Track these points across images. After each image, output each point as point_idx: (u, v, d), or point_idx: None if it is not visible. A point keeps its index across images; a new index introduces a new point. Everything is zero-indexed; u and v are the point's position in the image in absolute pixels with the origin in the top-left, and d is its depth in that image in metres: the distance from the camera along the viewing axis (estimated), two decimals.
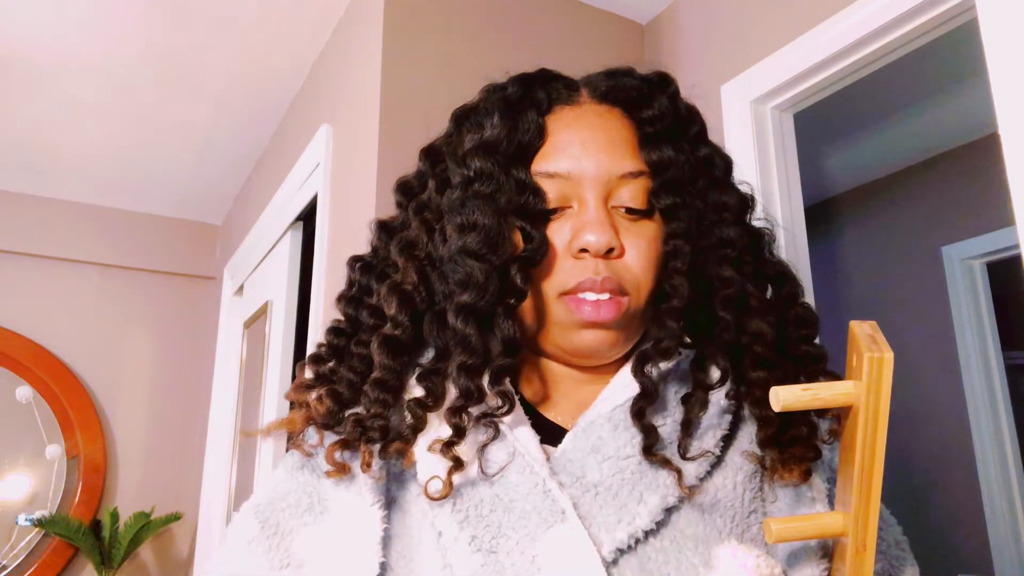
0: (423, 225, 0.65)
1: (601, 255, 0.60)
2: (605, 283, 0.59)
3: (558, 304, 0.61)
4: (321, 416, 0.63)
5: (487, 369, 0.59)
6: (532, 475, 0.59)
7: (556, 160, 0.62)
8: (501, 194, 0.60)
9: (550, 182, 0.62)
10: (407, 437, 0.60)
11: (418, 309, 0.63)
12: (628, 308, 0.61)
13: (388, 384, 0.62)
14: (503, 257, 0.59)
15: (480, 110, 0.65)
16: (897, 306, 2.98)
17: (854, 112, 2.54)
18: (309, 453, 0.65)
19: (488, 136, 0.62)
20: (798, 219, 1.67)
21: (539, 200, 0.61)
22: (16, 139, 2.59)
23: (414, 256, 0.65)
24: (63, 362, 2.95)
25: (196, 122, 2.50)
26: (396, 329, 0.62)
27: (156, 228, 3.23)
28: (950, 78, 2.35)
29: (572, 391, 0.67)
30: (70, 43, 2.05)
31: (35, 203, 3.02)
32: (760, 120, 1.66)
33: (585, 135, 0.63)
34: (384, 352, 0.62)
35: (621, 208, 0.62)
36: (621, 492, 0.59)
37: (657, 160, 0.63)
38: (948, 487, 2.75)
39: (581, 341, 0.62)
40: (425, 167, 0.69)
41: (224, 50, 2.10)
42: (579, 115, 0.65)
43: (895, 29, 1.41)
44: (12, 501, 2.79)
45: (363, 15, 1.78)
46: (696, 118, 0.69)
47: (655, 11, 1.96)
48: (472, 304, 0.58)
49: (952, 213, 2.87)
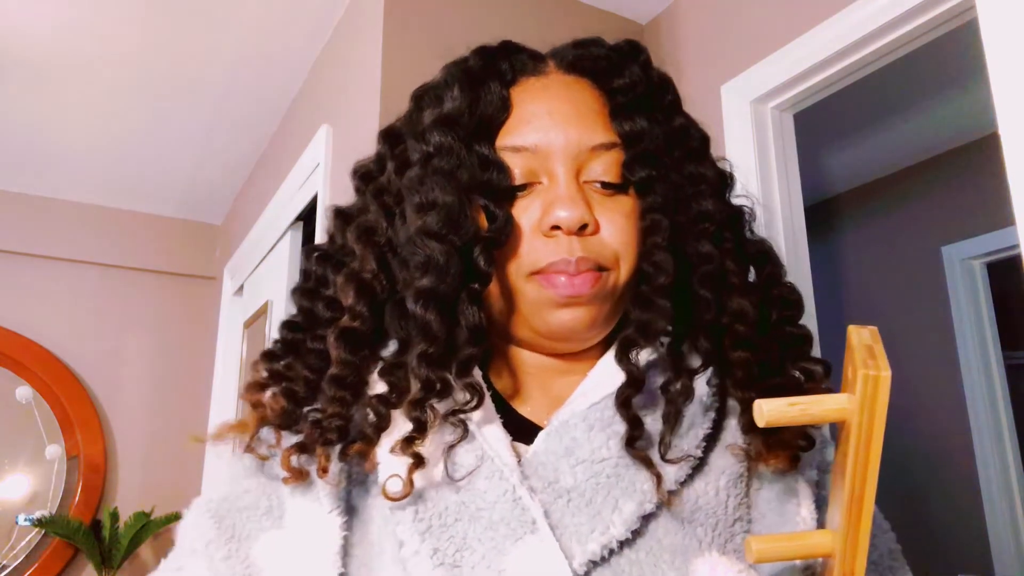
0: (382, 209, 0.61)
1: (574, 232, 0.55)
2: (580, 264, 0.55)
3: (529, 284, 0.56)
4: (276, 416, 0.59)
5: (452, 360, 0.55)
6: (501, 481, 0.54)
7: (522, 133, 0.58)
8: (462, 170, 0.56)
9: (516, 157, 0.57)
10: (369, 437, 0.55)
11: (378, 299, 0.59)
12: (607, 283, 0.57)
13: (346, 381, 0.57)
14: (465, 237, 0.54)
15: (440, 84, 0.61)
16: (897, 306, 2.98)
17: (854, 112, 2.54)
18: (265, 457, 0.59)
19: (448, 109, 0.58)
20: (798, 219, 1.67)
21: (503, 176, 0.56)
22: (16, 139, 2.59)
23: (373, 242, 0.60)
24: (63, 362, 2.95)
25: (196, 122, 2.50)
26: (354, 320, 0.57)
27: (156, 228, 3.23)
28: (950, 78, 2.35)
29: (547, 383, 0.62)
30: (70, 43, 2.05)
31: (35, 203, 3.02)
32: (760, 120, 1.66)
33: (553, 106, 0.58)
34: (342, 345, 0.57)
35: (594, 183, 0.58)
36: (595, 498, 0.54)
37: (630, 131, 0.58)
38: (948, 487, 2.75)
39: (557, 320, 0.57)
40: (384, 149, 0.65)
41: (224, 50, 2.10)
42: (545, 85, 0.61)
43: (895, 29, 1.41)
44: (12, 501, 2.79)
45: (363, 15, 1.78)
46: (669, 87, 0.64)
47: (655, 11, 1.96)
48: (432, 288, 0.54)
49: (952, 213, 2.87)
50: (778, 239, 1.61)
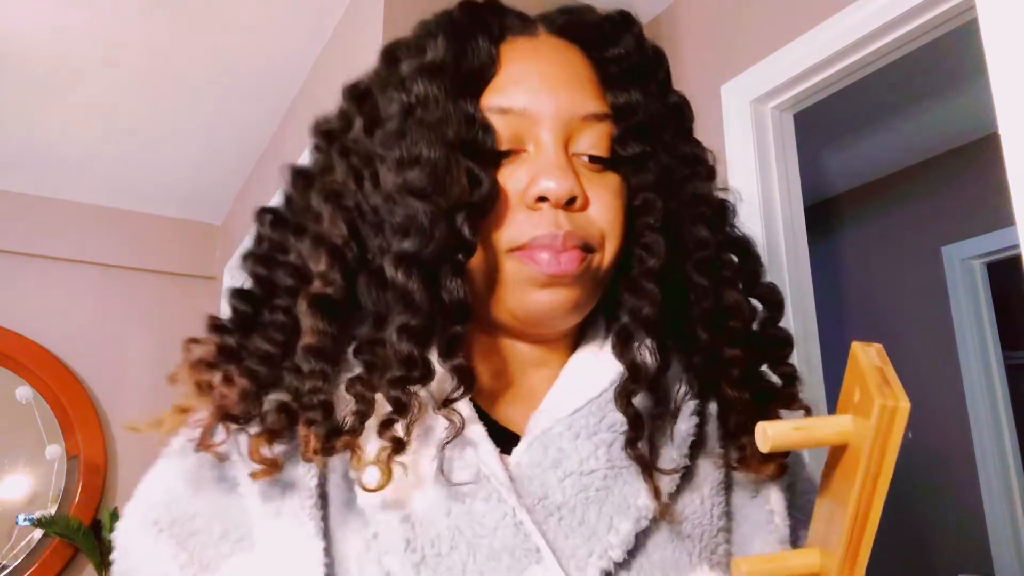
0: (350, 171, 0.54)
1: (562, 205, 0.50)
2: (568, 239, 0.50)
3: (509, 260, 0.51)
4: (234, 402, 0.49)
5: (434, 340, 0.49)
6: (500, 503, 0.48)
7: (511, 94, 0.52)
8: (448, 126, 0.50)
9: (502, 119, 0.52)
10: (354, 427, 0.48)
11: (350, 268, 0.52)
12: (592, 265, 0.52)
13: (325, 351, 0.49)
14: (451, 199, 0.48)
15: (421, 35, 0.56)
16: (897, 306, 2.98)
17: (854, 112, 2.54)
18: (223, 456, 0.51)
19: (432, 57, 0.52)
20: (798, 219, 1.67)
21: (489, 137, 0.51)
22: (16, 139, 2.59)
23: (342, 206, 0.53)
24: (63, 362, 2.95)
25: (196, 122, 2.50)
26: (328, 287, 0.51)
27: (156, 228, 3.23)
28: (950, 78, 2.35)
29: (519, 377, 0.57)
30: (70, 43, 2.05)
31: (35, 203, 3.02)
32: (760, 120, 1.66)
33: (544, 68, 0.54)
34: (316, 314, 0.50)
35: (582, 156, 0.53)
36: (587, 516, 0.50)
37: (624, 103, 0.54)
38: (948, 487, 2.75)
39: (536, 302, 0.51)
40: (349, 106, 0.59)
41: (224, 50, 2.10)
42: (535, 47, 0.56)
43: (895, 29, 1.41)
44: (12, 501, 2.79)
45: (363, 16, 1.78)
46: (663, 62, 0.59)
47: (655, 11, 1.96)
48: (415, 253, 0.48)
49: (952, 213, 2.87)
50: (778, 239, 1.61)
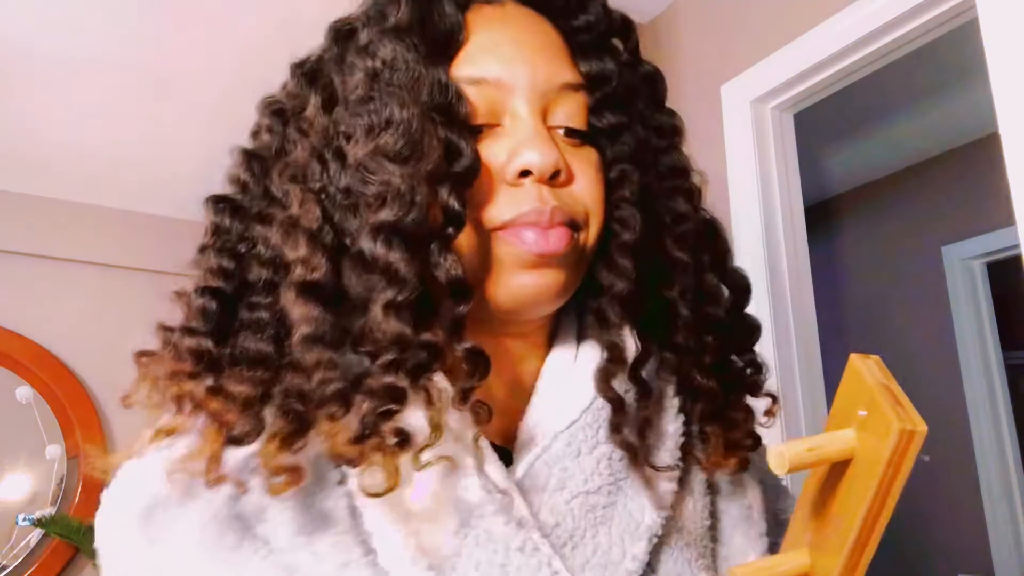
0: (312, 151, 0.49)
1: (546, 180, 0.47)
2: (555, 214, 0.46)
3: (492, 241, 0.47)
4: (236, 416, 0.44)
5: (436, 320, 0.43)
6: (520, 530, 0.43)
7: (482, 63, 0.48)
8: (420, 89, 0.45)
9: (475, 90, 0.48)
10: (376, 425, 0.42)
11: (330, 254, 0.46)
12: (579, 244, 0.49)
13: (328, 339, 0.43)
14: (428, 165, 0.43)
15: (380, 2, 0.51)
16: (897, 306, 2.98)
17: (854, 112, 2.54)
18: (244, 486, 0.44)
19: (397, 20, 0.48)
20: (798, 219, 1.67)
21: (464, 107, 0.47)
22: (16, 139, 2.59)
23: (310, 188, 0.48)
24: (63, 362, 2.95)
25: (196, 122, 2.50)
26: (314, 272, 0.45)
27: (156, 228, 3.23)
28: (950, 78, 2.35)
29: (504, 370, 0.52)
30: (70, 43, 2.05)
31: (35, 203, 3.02)
32: (760, 120, 1.66)
33: (517, 35, 0.50)
34: (307, 300, 0.44)
35: (559, 129, 0.50)
36: (599, 541, 0.46)
37: (597, 72, 0.51)
38: (948, 487, 2.75)
39: (522, 286, 0.47)
40: (300, 84, 0.54)
41: (224, 50, 2.10)
42: (504, 15, 0.52)
43: (895, 29, 1.41)
44: (12, 501, 2.79)
45: None
46: (632, 31, 0.56)
47: (655, 11, 1.96)
48: (395, 222, 0.42)
49: (952, 213, 2.87)
50: (778, 239, 1.61)
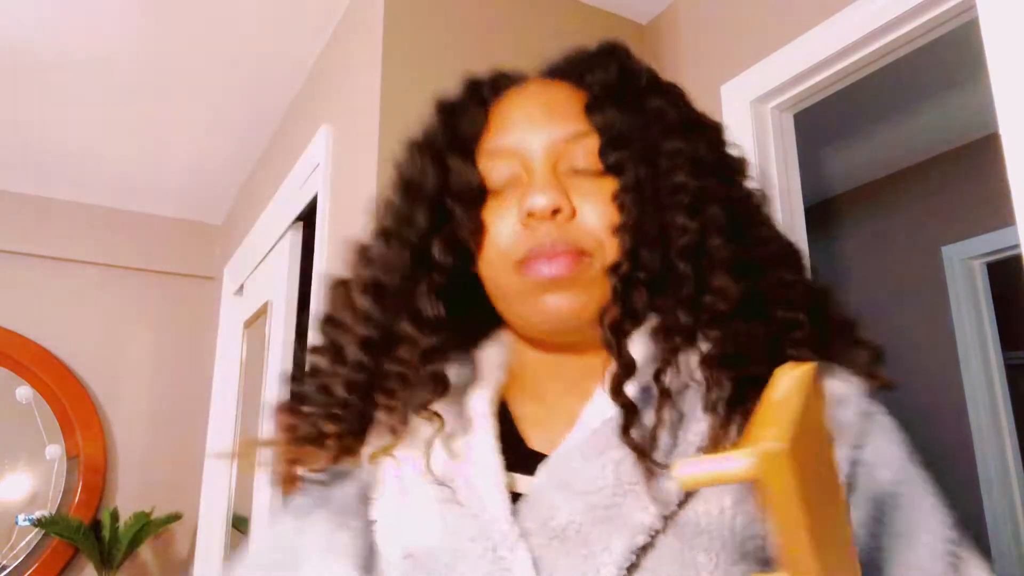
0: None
1: (548, 217, 0.57)
2: (557, 245, 0.57)
3: (516, 276, 0.59)
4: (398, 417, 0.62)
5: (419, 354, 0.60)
6: (475, 520, 0.55)
7: (500, 137, 0.62)
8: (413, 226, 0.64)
9: (497, 159, 0.62)
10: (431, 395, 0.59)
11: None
12: (591, 267, 0.57)
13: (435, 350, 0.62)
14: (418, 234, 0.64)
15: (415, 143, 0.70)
16: (897, 306, 2.98)
17: (854, 112, 2.53)
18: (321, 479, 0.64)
19: (408, 176, 0.68)
20: (798, 219, 1.67)
21: (474, 178, 0.62)
22: (16, 139, 2.59)
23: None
24: (63, 362, 2.95)
25: (196, 122, 2.50)
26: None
27: (156, 228, 3.23)
28: (950, 78, 2.34)
29: (568, 384, 0.62)
30: (70, 43, 2.05)
31: (35, 203, 3.02)
32: (760, 120, 1.66)
33: (528, 108, 0.62)
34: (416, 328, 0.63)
35: (573, 170, 0.60)
36: (591, 537, 0.51)
37: (602, 120, 0.61)
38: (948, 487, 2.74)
39: (543, 307, 0.58)
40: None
41: (224, 50, 2.10)
42: (520, 92, 0.65)
43: (895, 29, 1.41)
44: (12, 501, 2.79)
45: (363, 16, 1.78)
46: (643, 74, 0.65)
47: (655, 11, 1.96)
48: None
49: (952, 213, 2.87)
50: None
